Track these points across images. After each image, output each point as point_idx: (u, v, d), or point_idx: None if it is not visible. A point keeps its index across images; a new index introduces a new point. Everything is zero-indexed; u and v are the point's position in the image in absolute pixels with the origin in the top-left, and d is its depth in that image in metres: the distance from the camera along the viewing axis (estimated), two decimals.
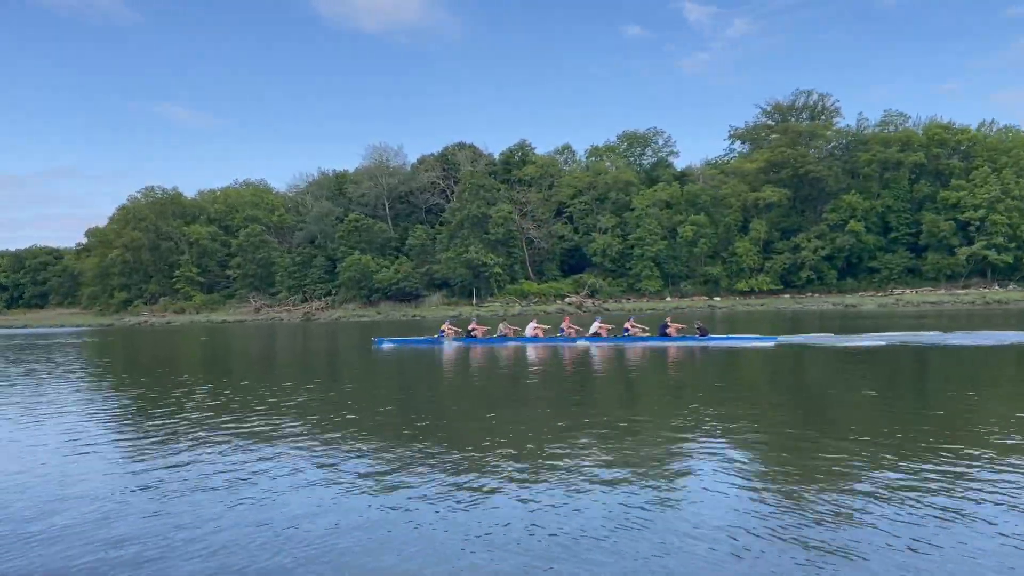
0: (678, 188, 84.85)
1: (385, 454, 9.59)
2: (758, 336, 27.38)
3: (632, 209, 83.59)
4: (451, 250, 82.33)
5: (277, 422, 12.31)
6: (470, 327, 30.33)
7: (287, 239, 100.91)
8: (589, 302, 76.89)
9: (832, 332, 29.54)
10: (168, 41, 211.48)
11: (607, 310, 75.64)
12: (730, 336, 27.36)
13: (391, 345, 30.39)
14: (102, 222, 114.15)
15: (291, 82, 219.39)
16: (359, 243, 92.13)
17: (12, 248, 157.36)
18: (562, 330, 28.84)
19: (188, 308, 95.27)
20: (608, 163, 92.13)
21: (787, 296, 78.53)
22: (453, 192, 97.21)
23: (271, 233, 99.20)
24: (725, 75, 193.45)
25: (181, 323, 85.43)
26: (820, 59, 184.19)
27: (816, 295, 77.20)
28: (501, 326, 30.30)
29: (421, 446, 9.95)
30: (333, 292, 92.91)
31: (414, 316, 78.25)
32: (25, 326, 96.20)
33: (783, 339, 26.72)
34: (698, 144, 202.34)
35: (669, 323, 27.61)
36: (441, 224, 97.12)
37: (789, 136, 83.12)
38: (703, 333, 26.07)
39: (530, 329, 29.60)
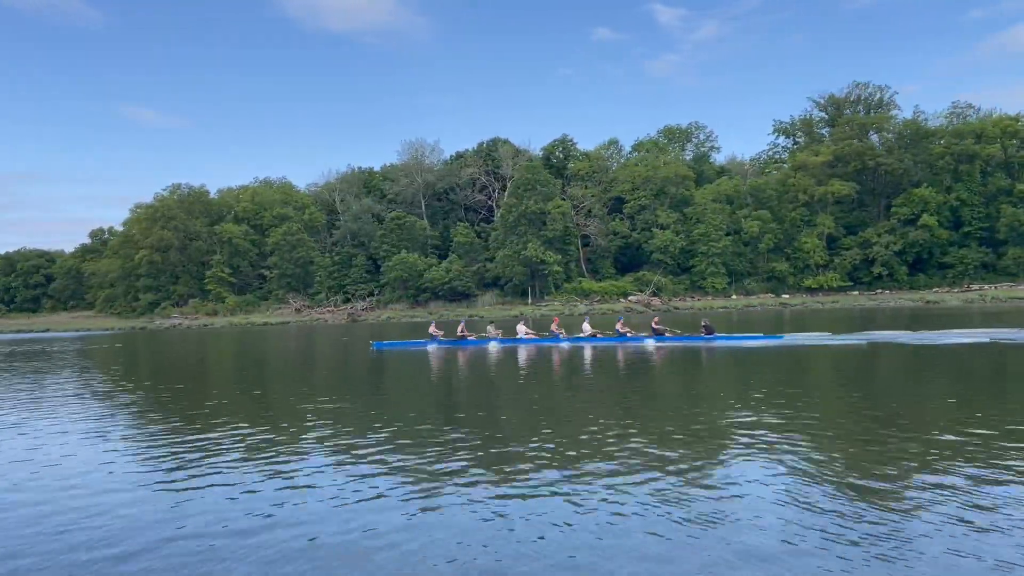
0: (740, 182, 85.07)
1: (418, 459, 9.53)
2: (764, 335, 27.71)
3: (691, 204, 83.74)
4: (507, 247, 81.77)
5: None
6: (459, 330, 31.08)
7: (321, 238, 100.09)
8: (656, 301, 76.68)
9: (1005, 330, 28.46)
10: (133, 43, 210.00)
11: (676, 308, 75.68)
12: (735, 335, 27.77)
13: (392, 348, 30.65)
14: (79, 226, 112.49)
15: (260, 83, 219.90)
16: (401, 242, 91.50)
17: None
18: (552, 331, 29.66)
19: (221, 310, 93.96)
20: (657, 157, 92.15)
21: (855, 293, 78.85)
22: (494, 189, 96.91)
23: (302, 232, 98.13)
24: (694, 77, 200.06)
25: (220, 325, 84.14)
26: (787, 62, 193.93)
27: (887, 292, 77.58)
28: (490, 328, 30.90)
29: (453, 445, 10.01)
30: (376, 292, 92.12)
31: (470, 316, 77.78)
32: (47, 330, 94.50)
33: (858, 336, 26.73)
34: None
35: (655, 324, 28.54)
36: (483, 222, 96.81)
37: (854, 128, 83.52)
38: (709, 332, 26.62)
39: (520, 330, 30.45)
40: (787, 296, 78.44)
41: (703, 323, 27.83)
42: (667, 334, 27.81)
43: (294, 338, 49.51)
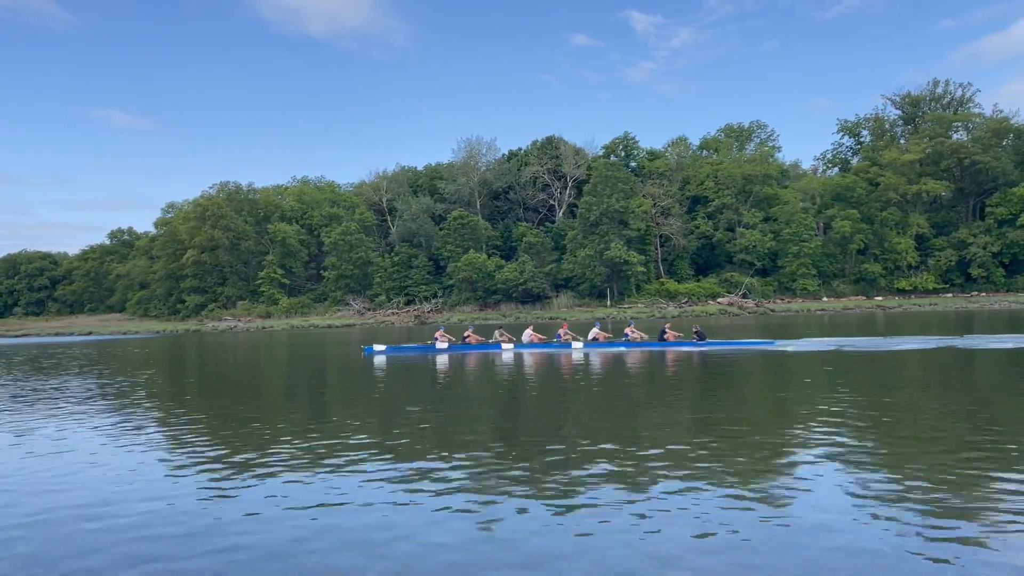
0: (827, 180, 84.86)
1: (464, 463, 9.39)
2: (758, 340, 28.36)
3: (777, 203, 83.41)
4: (588, 247, 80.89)
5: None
6: (464, 334, 31.25)
7: (373, 238, 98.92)
8: (750, 303, 76.02)
9: None
10: (107, 45, 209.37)
11: (772, 311, 75.06)
12: (729, 341, 28.64)
13: (390, 353, 30.13)
14: (56, 229, 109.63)
15: (236, 85, 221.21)
16: (464, 242, 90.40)
17: None
18: (558, 336, 29.83)
19: (275, 312, 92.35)
20: (737, 155, 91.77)
21: (949, 295, 78.61)
22: (556, 188, 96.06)
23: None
24: (671, 84, 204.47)
25: (280, 328, 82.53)
26: (763, 69, 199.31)
27: (983, 294, 77.32)
28: (496, 333, 31.09)
29: (496, 453, 9.83)
30: (439, 293, 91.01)
31: (551, 319, 76.77)
32: (89, 333, 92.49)
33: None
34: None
35: (667, 329, 29.14)
36: (547, 221, 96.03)
37: (943, 126, 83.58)
38: (700, 338, 27.57)
39: (527, 335, 30.64)
40: (880, 298, 78.08)
41: (695, 329, 28.44)
42: (670, 339, 28.35)
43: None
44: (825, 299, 78.65)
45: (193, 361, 33.71)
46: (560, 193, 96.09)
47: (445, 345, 29.92)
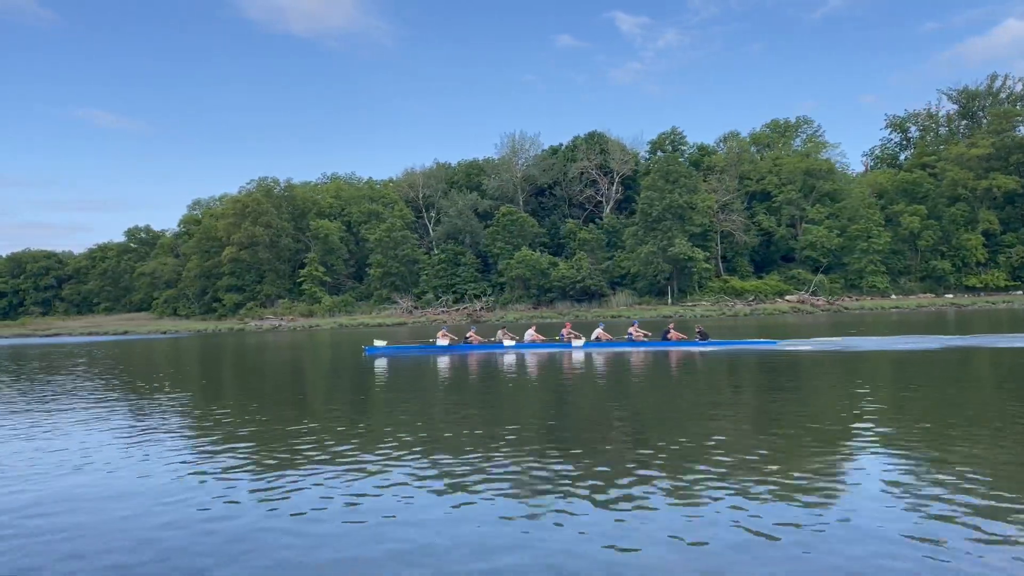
0: (892, 175, 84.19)
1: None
2: (760, 340, 28.86)
3: (840, 198, 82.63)
4: (651, 243, 79.68)
5: None
6: (467, 335, 31.59)
7: (420, 235, 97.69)
8: (821, 301, 75.00)
9: None
10: (88, 44, 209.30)
11: (845, 308, 74.14)
12: (731, 340, 29.19)
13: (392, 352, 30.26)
14: (48, 230, 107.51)
15: (226, 87, 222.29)
16: (512, 239, 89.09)
17: None
18: (561, 336, 30.03)
19: (318, 311, 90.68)
20: (798, 149, 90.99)
21: (1019, 293, 78.09)
22: (604, 184, 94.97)
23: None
24: (657, 85, 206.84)
25: (328, 327, 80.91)
26: (749, 70, 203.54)
27: None
28: (499, 333, 31.38)
29: (532, 455, 9.88)
30: (488, 292, 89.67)
31: (612, 317, 75.58)
32: (125, 332, 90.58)
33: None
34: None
35: (671, 329, 29.80)
36: (595, 217, 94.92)
37: (1010, 120, 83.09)
38: (703, 337, 28.24)
39: (529, 335, 30.79)
40: (951, 296, 77.43)
41: (697, 328, 29.21)
42: (673, 338, 28.77)
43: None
44: (893, 296, 77.91)
45: (296, 362, 32.45)
46: (607, 189, 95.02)
47: (446, 343, 30.10)
